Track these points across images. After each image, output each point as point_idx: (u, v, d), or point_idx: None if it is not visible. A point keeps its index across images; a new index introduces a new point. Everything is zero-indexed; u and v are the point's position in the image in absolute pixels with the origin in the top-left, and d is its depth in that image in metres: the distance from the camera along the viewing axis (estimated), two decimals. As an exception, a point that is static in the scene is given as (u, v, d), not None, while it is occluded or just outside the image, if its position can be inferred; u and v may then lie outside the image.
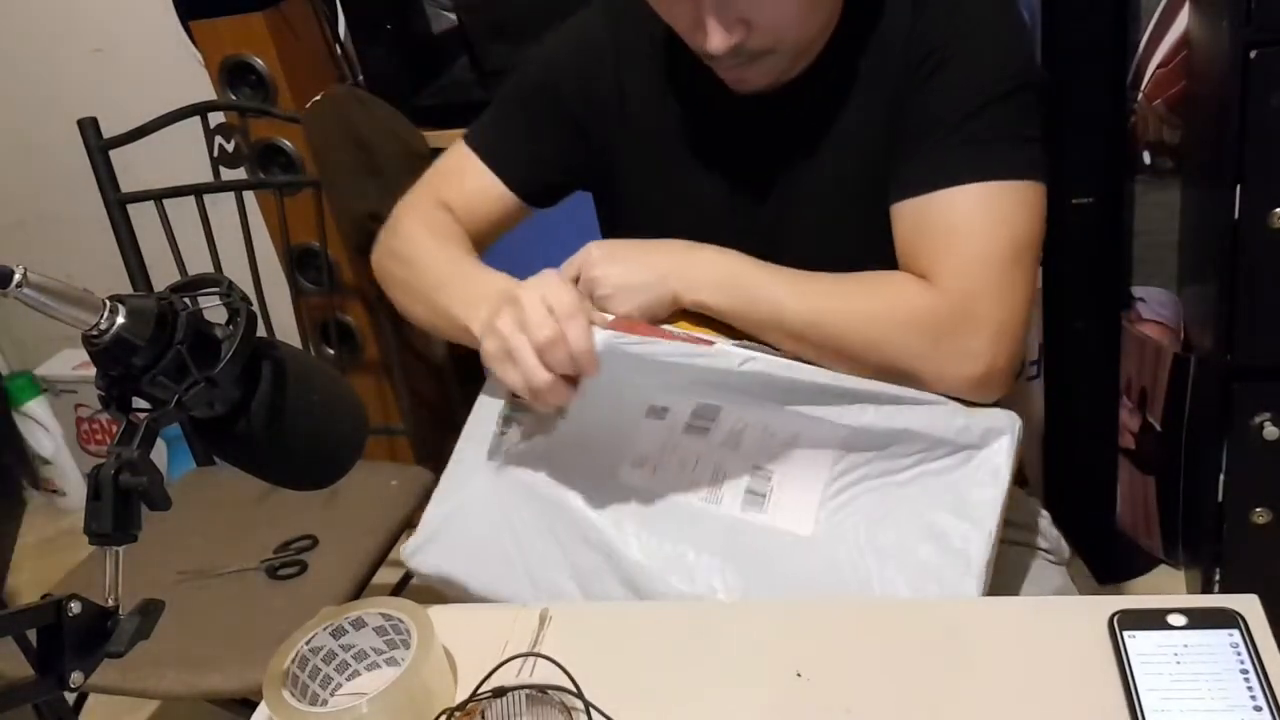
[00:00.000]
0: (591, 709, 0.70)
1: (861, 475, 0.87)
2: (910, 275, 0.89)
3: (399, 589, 1.65)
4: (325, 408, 0.70)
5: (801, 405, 0.86)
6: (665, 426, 0.90)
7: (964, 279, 0.86)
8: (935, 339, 0.86)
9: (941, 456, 0.86)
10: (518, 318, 0.82)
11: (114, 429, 0.60)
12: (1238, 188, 1.25)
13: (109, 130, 1.59)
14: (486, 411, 0.96)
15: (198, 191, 1.61)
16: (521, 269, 0.93)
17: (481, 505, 0.93)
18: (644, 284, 0.90)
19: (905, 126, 0.90)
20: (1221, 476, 1.42)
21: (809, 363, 0.88)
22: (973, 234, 0.87)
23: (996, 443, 0.84)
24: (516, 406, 0.93)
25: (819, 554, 0.84)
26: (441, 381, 1.97)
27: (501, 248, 1.11)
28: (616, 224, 1.08)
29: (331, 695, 0.80)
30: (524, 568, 0.90)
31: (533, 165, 1.06)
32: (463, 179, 1.07)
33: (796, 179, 0.96)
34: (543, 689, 0.72)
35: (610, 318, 0.89)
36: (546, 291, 0.82)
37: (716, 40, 0.84)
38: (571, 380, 0.83)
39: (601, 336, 0.82)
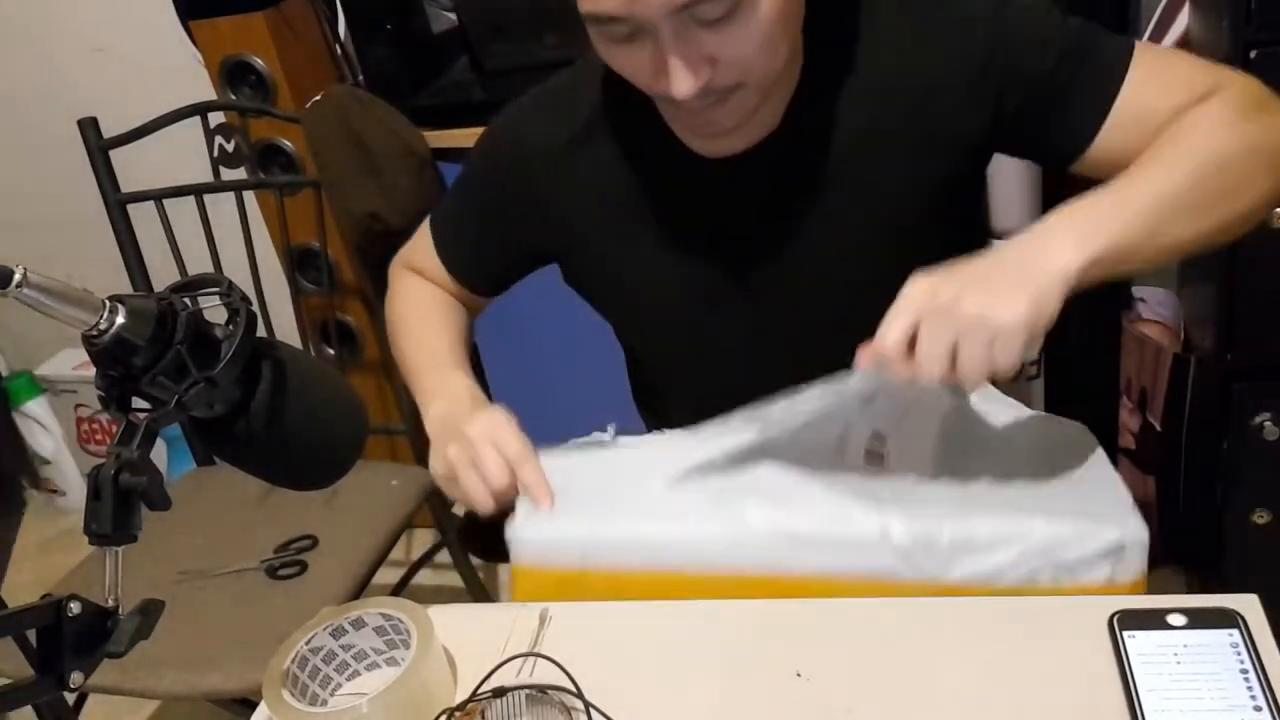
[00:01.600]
0: (591, 709, 0.70)
1: (968, 442, 0.89)
2: (1190, 108, 0.83)
3: (399, 589, 1.65)
4: (325, 408, 0.70)
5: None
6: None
7: (1215, 79, 0.84)
8: (1264, 118, 0.82)
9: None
10: (470, 455, 0.87)
11: (114, 429, 0.60)
12: (1238, 188, 1.25)
13: (109, 130, 1.59)
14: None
15: (198, 191, 1.61)
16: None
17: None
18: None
19: (1022, 111, 0.87)
20: (1221, 477, 1.42)
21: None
22: (1175, 71, 0.86)
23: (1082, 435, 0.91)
24: None
25: (950, 487, 0.84)
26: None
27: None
28: (595, 303, 1.06)
29: (331, 695, 0.80)
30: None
31: (477, 261, 1.08)
32: (430, 260, 1.10)
33: (794, 230, 0.92)
34: (543, 689, 0.72)
35: None
36: (496, 436, 0.88)
37: (684, 83, 0.77)
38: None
39: None
